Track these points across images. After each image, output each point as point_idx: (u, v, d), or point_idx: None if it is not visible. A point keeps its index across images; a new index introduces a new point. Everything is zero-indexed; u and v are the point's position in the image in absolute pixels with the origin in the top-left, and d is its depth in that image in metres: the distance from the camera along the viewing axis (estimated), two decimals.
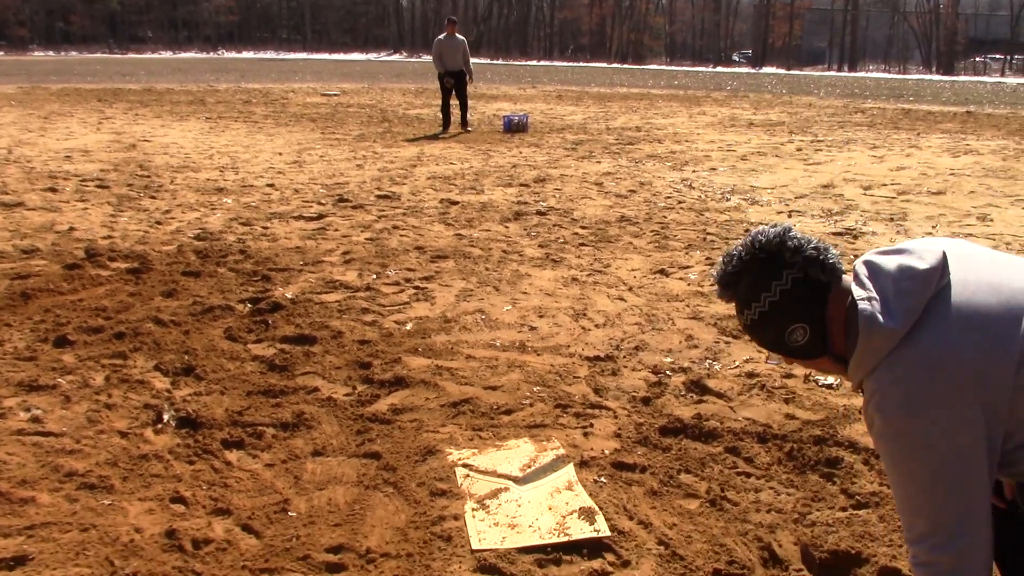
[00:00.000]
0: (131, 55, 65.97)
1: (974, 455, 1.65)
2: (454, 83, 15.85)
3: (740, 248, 1.91)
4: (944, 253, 1.76)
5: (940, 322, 1.69)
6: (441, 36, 16.02)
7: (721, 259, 1.96)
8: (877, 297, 1.74)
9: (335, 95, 25.12)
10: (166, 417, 3.63)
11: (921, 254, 1.77)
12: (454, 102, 16.02)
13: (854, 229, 7.69)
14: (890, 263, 1.79)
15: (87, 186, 9.20)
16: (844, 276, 1.87)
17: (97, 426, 3.54)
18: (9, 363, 4.20)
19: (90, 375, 4.07)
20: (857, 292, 1.79)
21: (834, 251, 1.88)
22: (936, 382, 1.65)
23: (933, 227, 7.78)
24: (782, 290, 1.83)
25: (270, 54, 72.32)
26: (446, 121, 16.12)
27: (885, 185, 10.12)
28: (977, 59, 66.48)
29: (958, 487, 1.66)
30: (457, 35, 15.97)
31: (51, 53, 66.23)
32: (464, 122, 16.19)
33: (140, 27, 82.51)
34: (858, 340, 1.75)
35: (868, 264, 1.83)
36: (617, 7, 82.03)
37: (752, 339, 1.98)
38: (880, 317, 1.71)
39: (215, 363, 4.25)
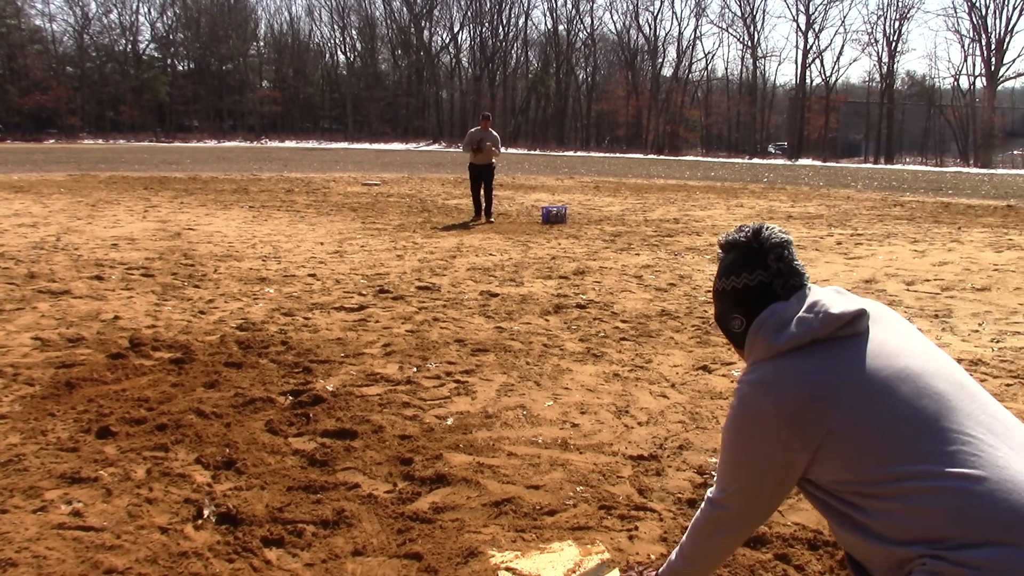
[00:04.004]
0: (177, 143, 67.77)
1: (767, 462, 2.01)
2: (482, 174, 16.38)
3: (751, 228, 2.20)
4: (863, 312, 2.00)
5: (813, 360, 1.96)
6: (474, 128, 16.71)
7: (739, 226, 2.25)
8: (784, 314, 2.03)
9: (375, 184, 25.53)
10: (206, 512, 3.60)
11: (845, 303, 2.02)
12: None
13: None
14: (818, 296, 2.06)
15: (132, 275, 9.35)
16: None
17: (137, 521, 3.52)
18: (52, 454, 4.21)
19: (132, 468, 4.06)
20: (773, 305, 2.09)
21: (807, 275, 2.16)
22: (767, 398, 1.98)
23: (980, 325, 7.66)
24: (746, 284, 2.13)
25: (312, 143, 73.98)
26: (477, 209, 16.57)
27: (928, 281, 10.03)
28: (1015, 152, 66.35)
29: (748, 473, 2.06)
30: (491, 130, 16.56)
31: (100, 141, 68.27)
32: (488, 213, 16.48)
33: (187, 117, 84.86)
34: (748, 335, 2.12)
35: (815, 289, 2.13)
36: (653, 100, 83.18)
37: (713, 303, 2.31)
38: (767, 331, 2.04)
39: (256, 457, 4.23)
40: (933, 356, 2.00)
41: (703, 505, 2.20)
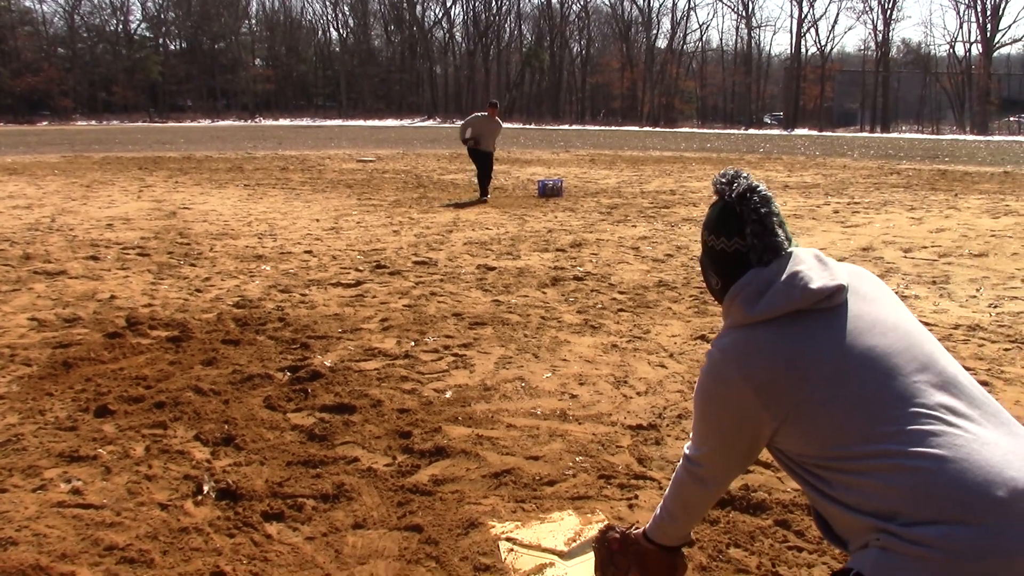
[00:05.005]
0: (171, 123, 67.37)
1: (735, 427, 2.01)
2: (484, 159, 15.86)
3: (740, 188, 2.06)
4: (842, 287, 1.96)
5: (787, 332, 1.93)
6: (482, 114, 16.06)
7: (731, 168, 2.12)
8: (761, 283, 1.98)
9: (371, 161, 25.44)
10: (206, 488, 3.60)
11: (825, 276, 1.96)
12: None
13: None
14: (800, 264, 1.98)
15: (128, 254, 9.32)
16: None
17: (137, 498, 3.52)
18: (51, 433, 4.21)
19: (130, 445, 4.06)
20: (753, 270, 2.01)
21: (785, 243, 2.03)
22: (737, 366, 1.96)
23: (977, 290, 7.66)
24: (723, 248, 2.07)
25: (306, 121, 73.58)
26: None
27: (926, 247, 10.02)
28: (1011, 119, 66.17)
29: (718, 435, 2.06)
30: (497, 118, 16.01)
31: (93, 122, 67.82)
32: (485, 191, 16.08)
33: (180, 96, 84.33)
34: (726, 299, 2.06)
35: (797, 255, 2.02)
36: (648, 71, 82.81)
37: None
38: (744, 298, 1.99)
39: (255, 433, 4.23)
40: (906, 330, 1.99)
41: (681, 460, 2.24)
